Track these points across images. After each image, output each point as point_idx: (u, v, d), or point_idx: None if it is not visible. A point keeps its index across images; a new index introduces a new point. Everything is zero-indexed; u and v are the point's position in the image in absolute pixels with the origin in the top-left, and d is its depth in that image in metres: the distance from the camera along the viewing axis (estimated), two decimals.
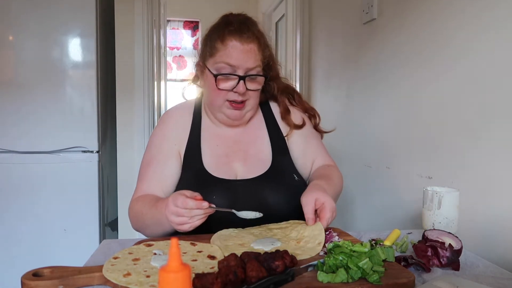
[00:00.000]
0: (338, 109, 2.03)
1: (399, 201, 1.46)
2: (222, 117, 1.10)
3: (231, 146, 1.13)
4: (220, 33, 1.04)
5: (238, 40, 1.02)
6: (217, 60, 1.03)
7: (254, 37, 1.04)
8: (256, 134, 1.16)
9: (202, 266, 0.74)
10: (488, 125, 1.03)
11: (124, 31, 2.40)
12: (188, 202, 0.83)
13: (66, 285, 0.68)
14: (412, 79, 1.38)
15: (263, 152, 1.13)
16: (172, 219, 0.85)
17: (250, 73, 1.04)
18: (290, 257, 0.72)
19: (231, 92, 1.04)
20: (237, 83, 1.03)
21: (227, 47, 1.02)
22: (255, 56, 1.04)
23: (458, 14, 1.15)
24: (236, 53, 1.02)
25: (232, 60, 1.02)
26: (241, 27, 1.04)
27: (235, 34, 1.02)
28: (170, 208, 0.84)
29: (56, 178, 2.12)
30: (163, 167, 1.07)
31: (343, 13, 2.00)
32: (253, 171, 1.08)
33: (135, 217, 1.03)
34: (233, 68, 1.02)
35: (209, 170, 1.06)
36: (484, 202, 1.05)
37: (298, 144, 1.17)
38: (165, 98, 3.20)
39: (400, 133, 1.46)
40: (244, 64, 1.02)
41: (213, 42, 1.04)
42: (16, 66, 2.09)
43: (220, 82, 1.04)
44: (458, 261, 0.82)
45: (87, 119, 2.13)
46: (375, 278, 0.68)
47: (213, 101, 1.08)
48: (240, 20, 1.06)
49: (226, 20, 1.08)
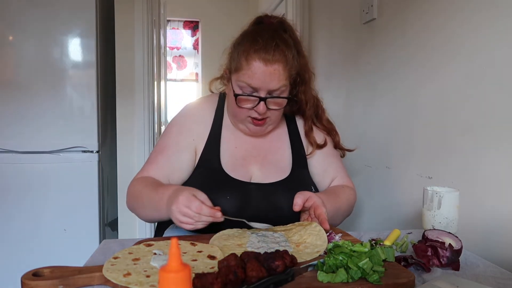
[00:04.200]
0: (338, 109, 2.03)
1: (399, 201, 1.46)
2: (243, 128, 1.10)
3: (250, 150, 1.12)
4: (245, 49, 1.00)
5: (263, 61, 0.98)
6: (240, 78, 1.01)
7: (281, 56, 1.00)
8: (278, 145, 1.16)
9: (202, 266, 0.74)
10: (488, 125, 1.03)
11: (124, 31, 2.40)
12: (203, 209, 0.83)
13: (66, 285, 0.68)
14: (412, 79, 1.38)
15: (283, 161, 1.13)
16: (177, 216, 0.84)
17: (272, 94, 1.01)
18: (290, 257, 0.72)
19: (252, 110, 1.03)
20: (257, 104, 1.01)
21: (251, 67, 0.98)
22: (279, 76, 1.00)
23: (458, 14, 1.15)
24: (258, 74, 0.98)
25: (253, 82, 0.99)
26: (267, 46, 0.99)
27: (260, 53, 0.98)
28: (180, 207, 0.83)
29: (56, 178, 2.12)
30: (175, 159, 1.07)
31: (343, 13, 1.99)
32: (269, 177, 1.08)
33: (133, 195, 1.02)
34: (254, 89, 1.00)
35: (225, 170, 1.05)
36: (484, 202, 1.05)
37: (318, 162, 1.17)
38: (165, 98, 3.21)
39: (400, 133, 1.46)
40: (266, 86, 1.00)
41: (239, 57, 1.01)
42: (16, 66, 2.08)
43: (241, 101, 1.02)
44: (458, 261, 0.82)
45: (87, 119, 2.13)
46: (375, 278, 0.68)
47: (235, 114, 1.08)
48: (270, 35, 1.02)
49: (254, 33, 1.04)
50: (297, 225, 0.96)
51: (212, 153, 1.08)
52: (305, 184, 1.12)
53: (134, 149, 2.46)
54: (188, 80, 4.96)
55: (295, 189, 1.02)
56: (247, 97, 1.01)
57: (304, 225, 0.93)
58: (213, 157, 1.07)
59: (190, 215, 0.83)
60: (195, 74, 4.96)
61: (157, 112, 2.71)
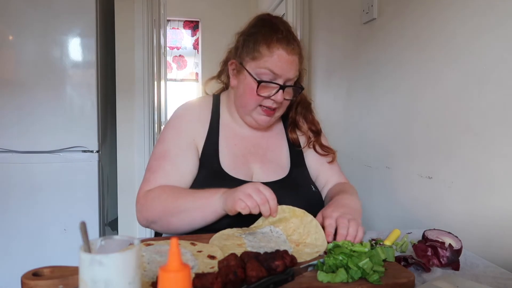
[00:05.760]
0: (338, 108, 2.03)
1: (399, 201, 1.46)
2: (249, 120, 1.11)
3: (249, 148, 1.12)
4: (267, 38, 1.03)
5: (285, 50, 1.02)
6: (260, 65, 1.02)
7: (298, 49, 1.06)
8: (275, 142, 1.17)
9: (202, 266, 0.74)
10: (488, 125, 1.03)
11: (124, 31, 2.40)
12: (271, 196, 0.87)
13: (66, 285, 0.68)
14: (412, 79, 1.38)
15: (282, 160, 1.14)
16: (248, 190, 0.85)
17: (289, 83, 1.05)
18: (290, 257, 0.72)
19: (266, 99, 1.05)
20: (276, 91, 1.03)
21: (273, 54, 1.02)
22: (296, 67, 1.05)
23: (458, 14, 1.15)
24: (281, 62, 1.02)
25: (276, 69, 1.02)
26: (288, 37, 1.04)
27: (283, 42, 1.02)
28: (258, 185, 0.86)
29: (56, 178, 2.12)
30: (181, 162, 1.04)
31: (343, 13, 1.99)
32: (270, 175, 1.08)
33: (155, 205, 0.97)
34: (275, 76, 1.02)
35: (225, 169, 1.05)
36: (484, 202, 1.05)
37: (313, 158, 1.18)
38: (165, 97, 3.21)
39: (400, 133, 1.46)
40: (286, 74, 1.03)
41: (258, 46, 1.03)
42: (16, 66, 2.08)
43: (261, 88, 1.03)
44: (458, 261, 0.83)
45: (87, 119, 2.13)
46: (375, 278, 0.68)
47: (246, 104, 1.08)
48: (286, 28, 1.06)
49: (271, 24, 1.06)
50: (291, 215, 0.92)
51: (212, 152, 1.07)
52: (306, 183, 1.12)
53: (134, 149, 2.46)
54: (188, 80, 4.96)
55: (296, 188, 1.05)
56: (267, 84, 1.03)
57: (298, 215, 0.91)
58: (212, 156, 1.07)
59: (262, 198, 0.85)
60: (195, 74, 4.96)
61: (157, 112, 2.71)
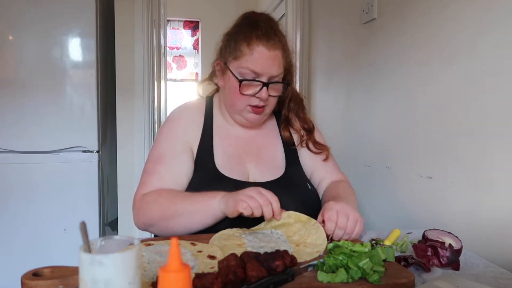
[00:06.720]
0: (338, 108, 2.03)
1: (399, 201, 1.46)
2: (240, 119, 1.11)
3: (243, 147, 1.12)
4: (247, 36, 1.02)
5: (265, 46, 1.01)
6: (241, 65, 1.02)
7: (280, 44, 1.04)
8: (270, 141, 1.16)
9: (202, 266, 0.74)
10: (488, 125, 1.03)
11: (124, 31, 2.40)
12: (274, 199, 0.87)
13: (66, 285, 0.68)
14: (412, 79, 1.38)
15: (276, 159, 1.13)
16: (250, 193, 0.86)
17: (273, 80, 1.04)
18: (290, 257, 0.72)
19: (253, 97, 1.04)
20: (259, 89, 1.02)
21: (253, 52, 1.01)
22: (279, 63, 1.04)
23: (458, 14, 1.15)
24: (261, 59, 1.01)
25: (257, 67, 1.01)
26: (268, 32, 1.02)
27: (262, 39, 1.01)
28: (260, 189, 0.87)
29: (56, 178, 2.11)
30: (176, 164, 1.04)
31: (343, 13, 1.99)
32: (266, 175, 1.08)
33: (153, 209, 0.97)
34: (257, 74, 1.02)
35: (221, 170, 1.04)
36: (484, 202, 1.05)
37: (307, 156, 1.17)
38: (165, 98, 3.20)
39: (400, 133, 1.46)
40: (268, 71, 1.02)
41: (238, 45, 1.02)
42: (16, 66, 2.08)
43: (244, 87, 1.03)
44: (458, 261, 0.83)
45: (87, 119, 2.13)
46: (375, 278, 0.68)
47: (234, 104, 1.08)
48: (267, 24, 1.04)
49: (252, 22, 1.05)
50: (296, 220, 0.93)
51: (206, 154, 1.07)
52: (301, 181, 1.12)
53: (134, 149, 2.46)
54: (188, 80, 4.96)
55: (292, 187, 1.05)
56: (250, 83, 1.03)
57: (303, 221, 0.92)
58: (207, 158, 1.06)
59: (264, 199, 0.86)
60: (195, 74, 4.96)
61: (157, 112, 2.71)
